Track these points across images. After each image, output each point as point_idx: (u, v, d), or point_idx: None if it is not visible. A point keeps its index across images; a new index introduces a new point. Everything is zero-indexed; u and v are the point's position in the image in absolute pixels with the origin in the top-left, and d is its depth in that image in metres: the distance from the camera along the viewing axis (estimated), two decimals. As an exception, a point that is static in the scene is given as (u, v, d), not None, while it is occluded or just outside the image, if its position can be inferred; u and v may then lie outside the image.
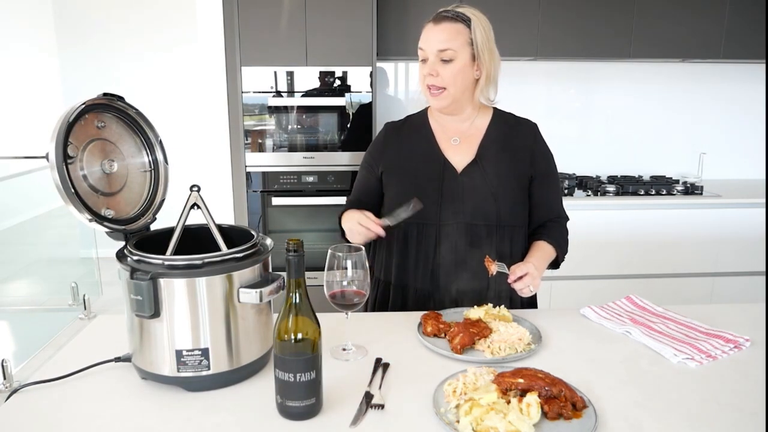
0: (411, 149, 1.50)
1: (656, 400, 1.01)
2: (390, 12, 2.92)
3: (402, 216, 1.33)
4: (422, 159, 1.47)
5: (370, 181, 1.54)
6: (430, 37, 1.40)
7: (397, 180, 1.49)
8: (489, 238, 1.43)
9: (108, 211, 1.09)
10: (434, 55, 1.39)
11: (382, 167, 1.51)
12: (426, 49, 1.41)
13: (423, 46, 1.42)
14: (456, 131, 1.49)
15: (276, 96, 2.81)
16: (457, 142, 1.48)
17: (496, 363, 1.13)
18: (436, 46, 1.39)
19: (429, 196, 1.41)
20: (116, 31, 4.49)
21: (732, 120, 3.51)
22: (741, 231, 3.02)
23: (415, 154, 1.49)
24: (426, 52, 1.41)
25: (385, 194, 1.52)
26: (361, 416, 0.96)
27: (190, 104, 4.41)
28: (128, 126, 1.16)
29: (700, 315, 1.36)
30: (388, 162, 1.51)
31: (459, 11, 1.40)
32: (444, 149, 1.47)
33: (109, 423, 0.95)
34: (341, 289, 1.16)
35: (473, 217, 1.42)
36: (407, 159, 1.49)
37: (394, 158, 1.50)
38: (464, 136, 1.48)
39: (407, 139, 1.52)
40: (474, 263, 1.42)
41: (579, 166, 3.46)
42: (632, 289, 1.72)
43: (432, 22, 1.41)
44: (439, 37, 1.38)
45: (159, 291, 0.98)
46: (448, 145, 1.48)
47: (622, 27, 3.02)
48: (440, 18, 1.40)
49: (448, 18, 1.39)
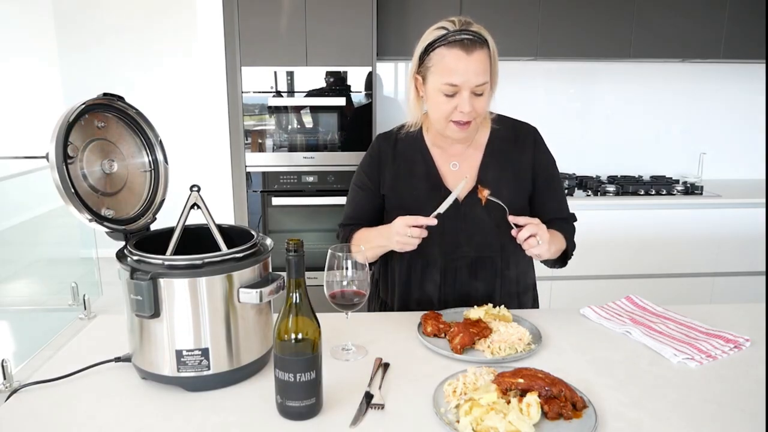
0: (408, 175, 1.41)
1: (656, 400, 1.01)
2: (390, 12, 2.92)
3: (450, 201, 1.25)
4: (422, 188, 1.39)
5: (372, 201, 1.45)
6: (464, 69, 1.21)
7: (397, 208, 1.39)
8: (493, 268, 1.41)
9: (108, 211, 1.09)
10: (469, 89, 1.23)
11: (383, 189, 1.43)
12: (461, 84, 1.22)
13: (457, 81, 1.22)
14: (456, 153, 1.41)
15: (276, 96, 2.81)
16: (456, 168, 1.40)
17: (496, 363, 1.13)
18: (473, 81, 1.22)
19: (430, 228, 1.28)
20: (116, 30, 4.49)
21: (732, 120, 3.51)
22: (741, 231, 3.02)
23: (413, 182, 1.40)
24: (459, 87, 1.23)
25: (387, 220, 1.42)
26: (361, 416, 0.96)
27: (190, 104, 4.41)
28: (128, 126, 1.16)
29: (700, 315, 1.36)
30: (386, 185, 1.43)
31: (476, 31, 1.24)
32: (443, 175, 1.40)
33: (109, 423, 0.95)
34: (341, 289, 1.16)
35: (476, 250, 1.39)
36: (406, 187, 1.41)
37: (392, 182, 1.42)
38: (464, 157, 1.41)
39: (403, 161, 1.42)
40: (479, 294, 1.42)
41: (579, 166, 3.46)
42: (632, 289, 1.72)
43: (460, 50, 1.21)
44: (475, 70, 1.22)
45: (159, 291, 0.98)
46: (447, 170, 1.40)
47: (622, 27, 3.02)
48: (469, 45, 1.21)
49: (476, 43, 1.22)
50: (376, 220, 1.48)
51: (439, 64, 1.24)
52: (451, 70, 1.22)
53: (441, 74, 1.24)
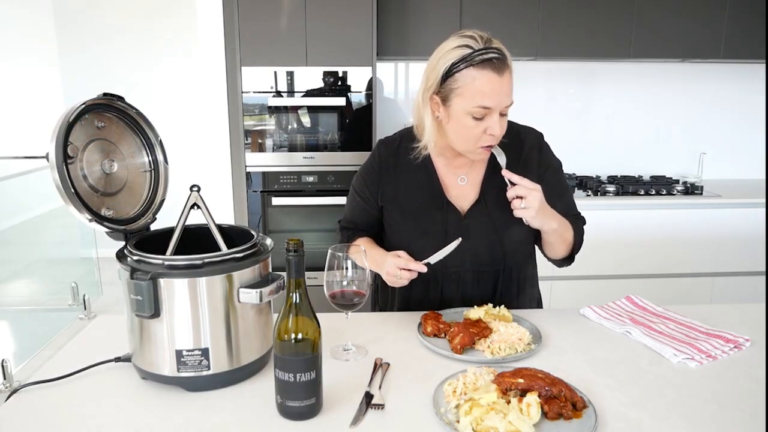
0: (411, 187, 1.37)
1: (656, 400, 1.01)
2: (390, 12, 2.92)
3: (444, 254, 1.25)
4: (425, 200, 1.36)
5: (368, 211, 1.43)
6: (497, 91, 1.16)
7: (399, 222, 1.39)
8: (495, 279, 1.41)
9: (108, 211, 1.09)
10: (499, 111, 1.18)
11: (382, 201, 1.40)
12: (494, 106, 1.17)
13: (490, 104, 1.17)
14: (462, 167, 1.37)
15: (276, 96, 2.81)
16: (464, 182, 1.37)
17: (496, 363, 1.13)
18: (506, 102, 1.18)
19: (434, 245, 1.28)
20: (116, 30, 4.49)
21: (732, 120, 3.51)
22: (741, 231, 3.02)
23: (416, 194, 1.37)
24: (492, 109, 1.18)
25: (386, 226, 1.43)
26: (361, 416, 0.96)
27: (190, 104, 4.41)
28: (128, 126, 1.16)
29: (700, 315, 1.36)
30: (386, 196, 1.40)
31: (500, 48, 1.18)
32: (447, 187, 1.36)
33: (109, 423, 0.95)
34: (341, 289, 1.16)
35: (479, 263, 1.37)
36: (408, 199, 1.37)
37: (393, 194, 1.39)
38: (470, 169, 1.37)
39: (406, 172, 1.38)
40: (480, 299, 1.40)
41: (579, 166, 3.46)
42: (632, 289, 1.72)
43: (492, 72, 1.16)
44: (507, 91, 1.18)
45: (159, 291, 0.98)
46: (453, 182, 1.37)
47: (622, 27, 3.02)
48: (499, 65, 1.16)
49: (504, 63, 1.17)
50: (374, 227, 1.47)
51: (468, 86, 1.17)
52: (483, 93, 1.16)
53: (472, 97, 1.17)
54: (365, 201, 1.43)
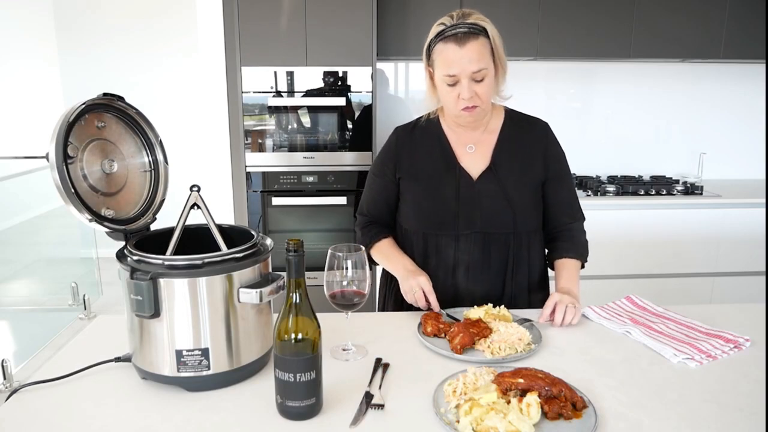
0: (425, 156, 1.48)
1: (656, 400, 1.01)
2: (390, 12, 2.92)
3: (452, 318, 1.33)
4: (438, 167, 1.46)
5: (386, 188, 1.52)
6: (458, 60, 1.31)
7: (413, 187, 1.48)
8: (506, 246, 1.44)
9: (108, 211, 1.09)
10: (467, 77, 1.32)
11: (399, 173, 1.50)
12: (458, 74, 1.32)
13: (453, 71, 1.32)
14: (471, 138, 1.47)
15: (276, 96, 2.81)
16: (472, 150, 1.46)
17: (496, 363, 1.13)
18: (469, 69, 1.31)
19: (446, 205, 1.42)
20: (116, 30, 4.49)
21: (732, 120, 3.50)
22: (741, 231, 3.02)
23: (430, 162, 1.47)
24: (458, 76, 1.33)
25: (402, 200, 1.51)
26: (361, 416, 0.96)
27: (190, 104, 4.41)
28: (128, 126, 1.16)
29: (700, 315, 1.36)
30: (403, 168, 1.49)
31: (472, 23, 1.33)
32: (459, 156, 1.46)
33: (109, 423, 0.95)
34: (341, 289, 1.16)
35: (490, 225, 1.42)
36: (422, 166, 1.47)
37: (409, 165, 1.49)
38: (478, 141, 1.47)
39: (421, 146, 1.49)
40: (492, 272, 1.44)
41: (579, 166, 3.46)
42: (632, 289, 1.72)
43: (454, 44, 1.31)
44: (470, 58, 1.31)
45: (159, 291, 0.98)
46: (463, 152, 1.47)
47: (622, 27, 3.02)
48: (462, 37, 1.31)
49: (470, 35, 1.31)
50: (392, 206, 1.54)
51: (438, 57, 1.35)
52: (447, 62, 1.33)
53: (441, 67, 1.35)
54: (383, 177, 1.52)
